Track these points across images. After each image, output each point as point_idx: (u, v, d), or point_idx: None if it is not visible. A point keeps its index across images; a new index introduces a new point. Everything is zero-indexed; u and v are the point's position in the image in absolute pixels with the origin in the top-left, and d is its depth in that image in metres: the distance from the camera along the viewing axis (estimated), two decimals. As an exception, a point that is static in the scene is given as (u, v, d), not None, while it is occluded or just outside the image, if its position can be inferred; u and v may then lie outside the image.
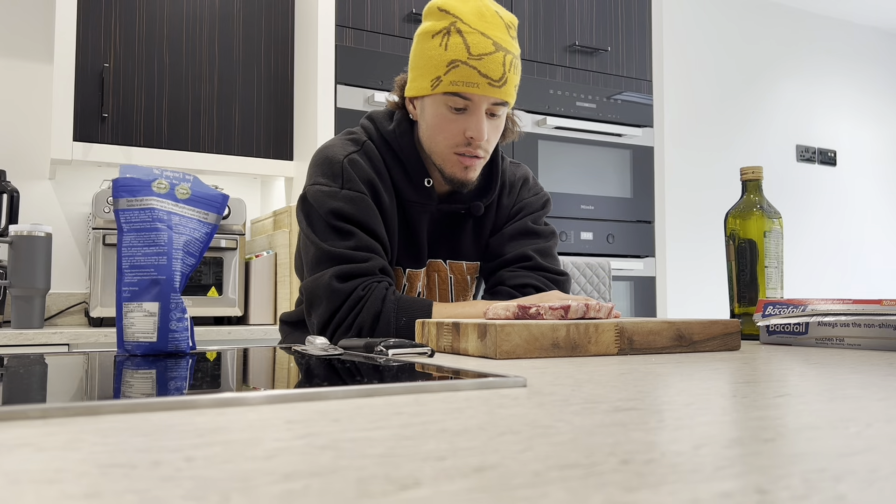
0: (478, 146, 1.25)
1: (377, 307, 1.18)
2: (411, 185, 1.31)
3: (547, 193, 1.47)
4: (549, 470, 0.30)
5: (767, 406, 0.47)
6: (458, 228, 1.38)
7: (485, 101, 1.23)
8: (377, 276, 1.22)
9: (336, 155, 1.28)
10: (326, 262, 1.22)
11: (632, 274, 2.75)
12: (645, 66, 2.85)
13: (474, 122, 1.23)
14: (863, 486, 0.27)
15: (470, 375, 0.59)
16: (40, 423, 0.40)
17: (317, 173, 1.28)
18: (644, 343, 0.90)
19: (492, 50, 1.21)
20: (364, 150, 1.30)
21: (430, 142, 1.28)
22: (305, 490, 0.27)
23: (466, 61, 1.20)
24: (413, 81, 1.28)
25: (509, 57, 1.22)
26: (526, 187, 1.44)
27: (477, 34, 1.21)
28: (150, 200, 0.88)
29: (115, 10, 2.31)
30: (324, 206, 1.24)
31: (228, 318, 2.35)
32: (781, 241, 1.29)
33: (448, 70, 1.21)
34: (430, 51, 1.23)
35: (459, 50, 1.20)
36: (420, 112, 1.29)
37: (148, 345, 0.84)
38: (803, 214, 4.27)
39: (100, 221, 2.17)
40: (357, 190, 1.25)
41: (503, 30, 1.24)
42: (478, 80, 1.20)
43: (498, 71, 1.21)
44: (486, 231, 1.40)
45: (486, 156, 1.29)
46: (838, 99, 4.47)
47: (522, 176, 1.45)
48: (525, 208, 1.42)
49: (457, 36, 1.21)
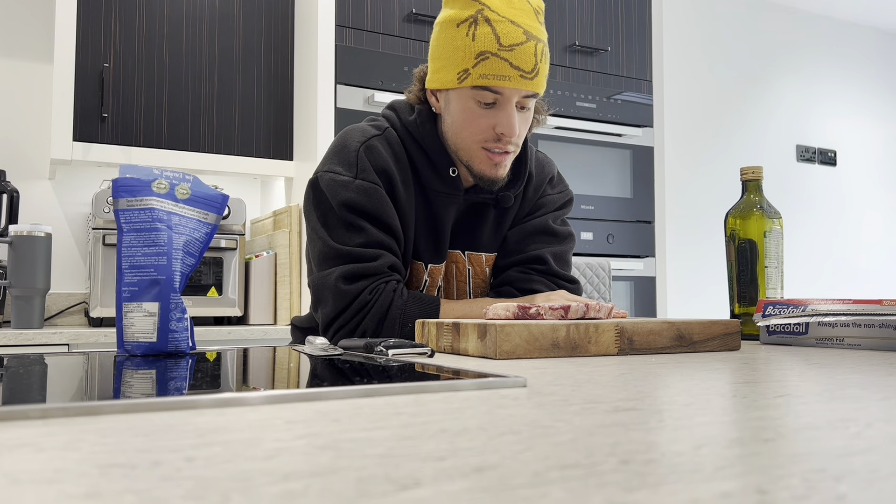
0: (508, 141, 1.19)
1: (382, 313, 1.15)
2: (436, 175, 1.25)
3: (571, 192, 1.42)
4: (549, 470, 0.30)
5: (767, 406, 0.47)
6: (480, 219, 1.32)
7: (516, 94, 1.16)
8: (385, 276, 1.18)
9: (353, 141, 1.23)
10: (334, 259, 1.18)
11: (632, 274, 2.75)
12: (645, 66, 2.85)
13: (505, 118, 1.17)
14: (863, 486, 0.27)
15: (470, 375, 0.59)
16: (40, 423, 0.40)
17: (332, 160, 1.23)
18: (644, 343, 0.90)
19: (523, 40, 1.14)
20: (385, 135, 1.24)
21: (456, 137, 1.22)
22: (305, 490, 0.27)
23: (497, 53, 1.13)
24: (436, 73, 1.21)
25: (540, 45, 1.16)
26: (551, 183, 1.40)
27: (506, 23, 1.14)
28: (149, 200, 0.87)
29: (115, 10, 2.31)
30: (336, 197, 1.19)
31: (228, 318, 2.35)
32: (781, 241, 1.29)
33: (477, 62, 1.14)
34: (457, 41, 1.16)
35: (489, 40, 1.13)
36: (444, 106, 1.22)
37: (148, 345, 0.84)
38: (803, 214, 4.27)
39: (100, 221, 2.17)
40: (371, 181, 1.19)
41: (532, 16, 1.17)
42: (509, 72, 1.14)
43: (530, 62, 1.14)
44: (508, 223, 1.35)
45: (516, 150, 1.22)
46: (838, 99, 4.47)
47: (549, 172, 1.40)
48: (547, 205, 1.37)
49: (485, 25, 1.14)
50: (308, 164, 2.35)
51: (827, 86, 4.42)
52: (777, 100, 4.22)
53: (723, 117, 4.02)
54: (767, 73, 4.19)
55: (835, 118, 4.45)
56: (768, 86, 4.19)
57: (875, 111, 4.64)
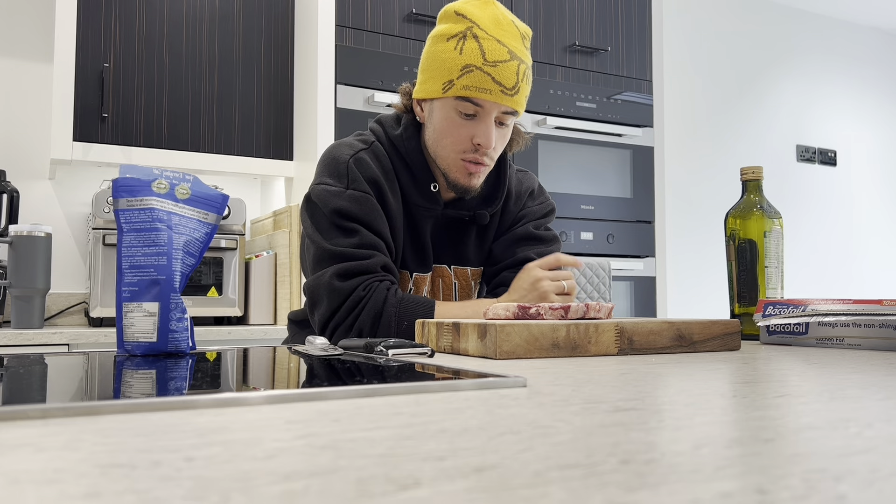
0: (484, 153, 1.25)
1: (378, 308, 1.18)
2: (417, 189, 1.30)
3: (553, 203, 1.46)
4: (549, 470, 0.30)
5: (767, 406, 0.47)
6: (462, 235, 1.37)
7: (496, 108, 1.22)
8: (379, 274, 1.21)
9: (342, 154, 1.28)
10: (328, 260, 1.22)
11: (632, 274, 2.75)
12: (645, 66, 2.85)
13: (483, 129, 1.23)
14: (863, 486, 0.27)
15: (470, 375, 0.59)
16: (40, 423, 0.40)
17: (323, 173, 1.28)
18: (644, 343, 0.90)
19: (507, 58, 1.20)
20: (372, 149, 1.30)
21: (437, 145, 1.27)
22: (305, 490, 0.27)
23: (481, 67, 1.19)
24: (423, 84, 1.27)
25: (523, 66, 1.22)
26: (532, 196, 1.44)
27: (493, 41, 1.20)
28: (149, 200, 0.87)
29: (115, 10, 2.31)
30: (328, 205, 1.24)
31: (228, 318, 2.35)
32: (781, 241, 1.29)
33: (462, 74, 1.20)
34: (444, 53, 1.22)
35: (475, 55, 1.19)
36: (428, 115, 1.28)
37: (148, 345, 0.84)
38: (803, 214, 4.27)
39: (100, 221, 2.17)
40: (362, 190, 1.24)
41: (518, 39, 1.23)
42: (491, 86, 1.19)
43: (511, 79, 1.20)
44: (490, 238, 1.40)
45: (490, 164, 1.28)
46: (838, 99, 4.47)
47: (529, 186, 1.44)
48: (528, 215, 1.41)
49: (473, 41, 1.20)
50: (308, 164, 2.35)
51: (827, 86, 4.42)
52: (777, 100, 4.22)
53: (723, 117, 4.02)
54: (768, 73, 4.19)
55: (835, 118, 4.45)
56: (768, 86, 4.19)
57: (875, 111, 4.64)
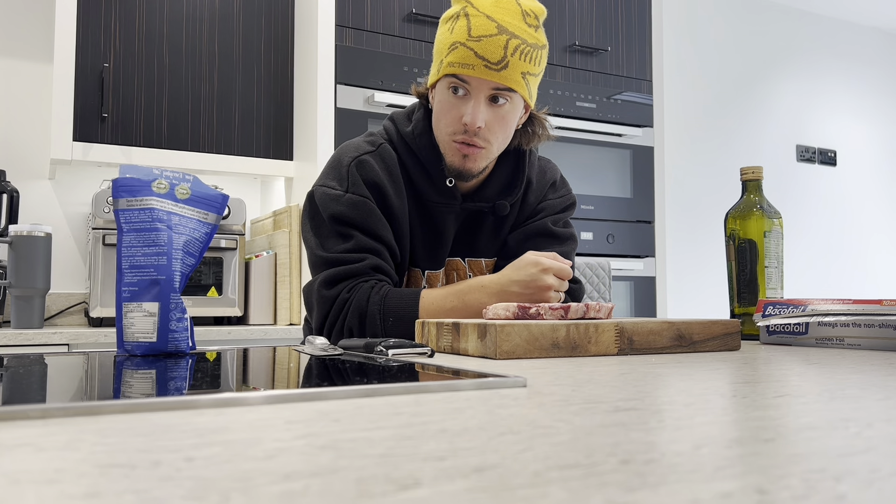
0: (474, 134, 1.21)
1: (361, 308, 1.17)
2: (433, 186, 1.29)
3: (573, 196, 1.43)
4: (549, 470, 0.30)
5: (767, 406, 0.47)
6: (478, 226, 1.35)
7: (484, 85, 1.19)
8: (366, 276, 1.21)
9: (345, 157, 1.28)
10: (319, 266, 1.24)
11: (632, 274, 2.75)
12: (645, 66, 2.85)
13: (470, 108, 1.20)
14: (863, 486, 0.27)
15: (470, 375, 0.59)
16: (40, 423, 0.40)
17: (328, 174, 1.28)
18: (644, 343, 0.90)
19: (493, 32, 1.17)
20: (379, 151, 1.29)
21: (436, 129, 1.27)
22: (305, 490, 0.27)
23: (465, 42, 1.18)
24: (431, 70, 1.27)
25: (515, 41, 1.18)
26: (553, 187, 1.41)
27: (482, 17, 1.18)
28: (149, 200, 0.87)
29: (115, 10, 2.31)
30: (327, 210, 1.25)
31: (228, 318, 2.35)
32: (781, 241, 1.29)
33: (449, 52, 1.19)
34: (442, 35, 1.23)
35: (462, 32, 1.18)
36: (433, 100, 1.28)
37: (148, 345, 0.84)
38: (803, 214, 4.27)
39: (100, 221, 2.17)
40: (361, 194, 1.24)
41: (517, 16, 1.19)
42: (474, 61, 1.17)
43: (497, 54, 1.17)
44: (507, 228, 1.37)
45: (486, 146, 1.23)
46: (838, 99, 4.47)
47: (551, 177, 1.41)
48: (548, 208, 1.38)
49: (463, 19, 1.19)
50: (308, 164, 2.35)
51: (827, 86, 4.42)
52: (777, 100, 4.21)
53: (723, 117, 4.02)
54: (768, 73, 4.19)
55: (835, 118, 4.45)
56: (768, 86, 4.19)
57: (875, 111, 4.64)
